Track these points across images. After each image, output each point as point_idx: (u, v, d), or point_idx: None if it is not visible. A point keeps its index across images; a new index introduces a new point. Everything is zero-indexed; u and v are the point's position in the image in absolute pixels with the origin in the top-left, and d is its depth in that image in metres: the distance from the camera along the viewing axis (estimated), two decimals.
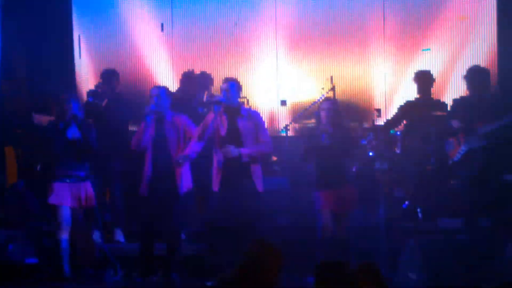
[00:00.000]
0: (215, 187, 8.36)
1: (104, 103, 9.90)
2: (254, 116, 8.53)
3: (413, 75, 10.22)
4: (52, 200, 8.50)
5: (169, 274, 8.52)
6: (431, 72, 10.12)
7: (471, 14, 11.26)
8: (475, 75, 8.65)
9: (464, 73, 8.84)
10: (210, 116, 8.36)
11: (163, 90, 8.80)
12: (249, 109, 8.93)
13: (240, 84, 8.63)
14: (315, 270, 5.05)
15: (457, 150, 8.46)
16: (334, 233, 8.41)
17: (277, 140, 10.74)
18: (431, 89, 10.01)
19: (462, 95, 9.27)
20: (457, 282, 7.58)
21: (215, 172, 8.38)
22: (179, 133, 8.62)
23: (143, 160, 8.70)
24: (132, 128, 10.22)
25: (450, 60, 11.27)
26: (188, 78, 10.51)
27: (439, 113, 9.48)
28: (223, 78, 8.80)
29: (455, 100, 9.11)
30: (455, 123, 8.47)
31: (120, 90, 10.52)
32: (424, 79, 10.10)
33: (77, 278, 8.58)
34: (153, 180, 8.57)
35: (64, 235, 8.49)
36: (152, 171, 8.57)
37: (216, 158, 8.38)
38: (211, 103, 8.54)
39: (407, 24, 11.42)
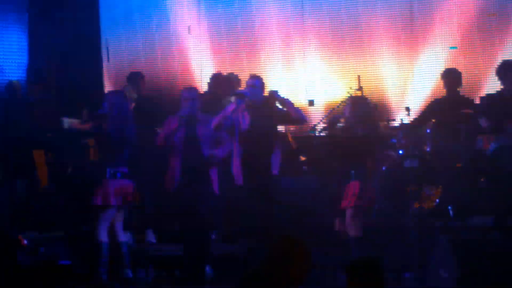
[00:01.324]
0: (239, 180, 8.37)
1: (132, 106, 9.94)
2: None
3: (441, 73, 10.21)
4: (98, 201, 8.48)
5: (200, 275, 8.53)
6: (458, 70, 10.10)
7: (499, 10, 11.15)
8: (506, 70, 8.57)
9: (496, 68, 8.74)
10: (231, 107, 8.41)
11: (195, 92, 8.88)
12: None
13: (265, 82, 8.73)
14: (347, 268, 5.04)
15: (488, 148, 8.40)
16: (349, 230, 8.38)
17: (306, 140, 10.75)
18: (459, 87, 9.98)
19: (490, 92, 9.23)
20: (486, 280, 7.53)
21: (237, 165, 8.40)
22: (211, 131, 8.64)
23: (170, 159, 8.73)
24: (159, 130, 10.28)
25: (479, 57, 11.18)
26: (216, 80, 10.53)
27: (467, 110, 9.44)
28: (249, 75, 8.87)
29: (484, 98, 9.06)
30: (484, 122, 8.41)
31: (147, 93, 10.57)
32: (451, 77, 10.07)
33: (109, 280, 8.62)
34: (184, 180, 8.58)
35: (106, 238, 8.46)
36: (182, 170, 8.58)
37: (237, 152, 8.41)
38: (235, 96, 8.59)
39: (435, 22, 11.35)
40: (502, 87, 8.67)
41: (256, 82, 8.60)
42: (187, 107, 8.62)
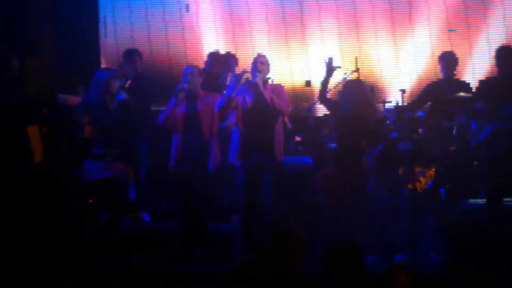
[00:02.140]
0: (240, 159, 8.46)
1: (127, 84, 9.92)
2: (277, 88, 8.68)
3: (438, 56, 10.21)
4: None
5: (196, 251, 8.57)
6: (455, 53, 10.10)
7: None
8: (504, 54, 8.54)
9: (494, 51, 8.71)
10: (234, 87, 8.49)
11: (196, 68, 8.95)
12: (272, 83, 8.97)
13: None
14: (324, 252, 5.02)
15: (481, 131, 8.40)
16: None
17: (301, 121, 10.75)
18: (455, 70, 9.99)
19: (487, 76, 9.22)
20: (477, 264, 7.56)
21: (236, 145, 8.44)
22: (211, 109, 8.66)
23: (172, 136, 8.75)
24: (155, 107, 10.27)
25: (476, 40, 11.15)
26: (213, 58, 10.52)
27: (463, 94, 9.44)
28: (257, 54, 8.93)
29: (481, 81, 9.06)
30: (479, 105, 8.41)
31: (144, 70, 10.56)
32: (448, 60, 10.07)
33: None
34: (185, 156, 8.64)
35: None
36: (184, 147, 8.62)
37: (238, 131, 8.44)
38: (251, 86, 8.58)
39: (432, 5, 11.32)
40: (498, 71, 8.64)
41: (266, 60, 8.74)
42: (185, 81, 8.68)
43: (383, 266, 7.65)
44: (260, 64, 8.60)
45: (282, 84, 9.01)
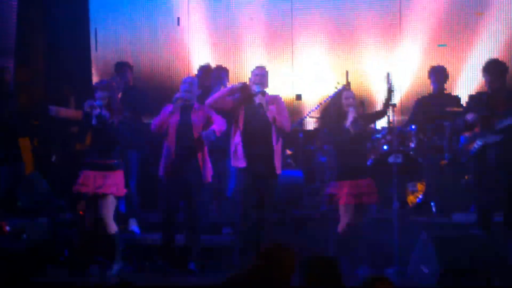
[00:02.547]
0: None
1: (118, 96, 9.92)
2: (276, 100, 8.63)
3: (428, 71, 10.27)
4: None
5: (187, 265, 8.55)
6: (445, 68, 10.16)
7: (486, 9, 11.18)
8: (492, 68, 8.56)
9: (483, 66, 8.73)
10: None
11: (196, 79, 9.01)
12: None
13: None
14: (303, 264, 5.03)
15: (473, 145, 8.42)
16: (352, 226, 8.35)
17: (292, 134, 10.76)
18: (445, 84, 10.06)
19: (478, 91, 9.24)
20: (468, 277, 7.57)
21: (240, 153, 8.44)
22: (203, 121, 8.67)
23: (163, 145, 8.74)
24: (146, 120, 10.28)
25: (466, 55, 11.20)
26: (204, 71, 10.52)
27: (453, 108, 9.49)
28: (257, 66, 8.85)
29: (470, 96, 9.09)
30: (470, 117, 8.43)
31: (135, 83, 10.57)
32: (438, 74, 10.13)
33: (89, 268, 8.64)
34: (176, 166, 8.61)
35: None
36: (175, 156, 8.60)
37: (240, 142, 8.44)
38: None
39: (423, 19, 11.37)
40: (486, 85, 8.64)
41: (265, 71, 8.68)
42: (183, 90, 8.69)
43: None
44: (260, 77, 8.54)
45: (279, 96, 8.86)
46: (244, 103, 8.45)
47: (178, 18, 12.14)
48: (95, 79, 12.13)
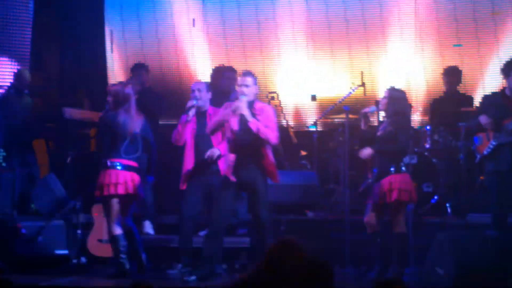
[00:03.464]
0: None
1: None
2: (265, 110, 8.24)
3: (442, 72, 10.25)
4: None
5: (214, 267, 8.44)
6: (458, 69, 10.13)
7: (504, 9, 11.11)
8: (509, 68, 8.49)
9: (502, 66, 8.66)
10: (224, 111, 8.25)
11: (204, 84, 8.85)
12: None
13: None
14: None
15: (487, 145, 8.39)
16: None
17: (306, 135, 10.76)
18: (458, 85, 10.04)
19: (494, 91, 9.19)
20: (483, 279, 7.53)
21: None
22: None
23: (182, 154, 8.63)
24: (163, 122, 10.29)
25: (482, 56, 11.14)
26: (219, 73, 10.49)
27: (467, 108, 9.46)
28: (243, 71, 8.45)
29: (486, 96, 9.05)
30: (484, 119, 8.38)
31: (151, 85, 10.59)
32: (450, 75, 10.12)
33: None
34: (196, 174, 8.52)
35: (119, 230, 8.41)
36: (194, 165, 8.51)
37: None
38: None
39: (439, 19, 11.32)
40: (504, 85, 8.59)
41: (253, 79, 8.23)
42: (193, 98, 8.58)
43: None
44: (245, 88, 8.07)
45: (271, 106, 8.67)
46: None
47: (194, 20, 12.14)
48: (110, 81, 12.18)
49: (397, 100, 8.30)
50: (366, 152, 8.24)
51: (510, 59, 8.66)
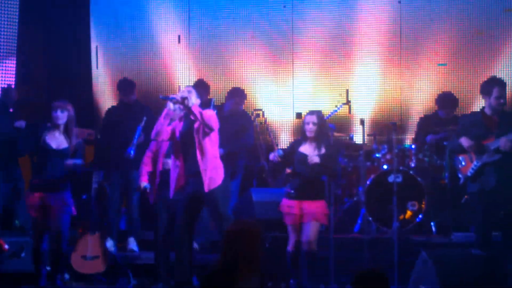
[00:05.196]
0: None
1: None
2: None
3: (435, 98, 10.26)
4: None
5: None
6: (453, 95, 10.20)
7: (487, 28, 11.18)
8: (490, 88, 8.50)
9: (481, 85, 8.67)
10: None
11: (194, 87, 8.40)
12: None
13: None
14: (354, 279, 5.09)
15: (470, 166, 8.39)
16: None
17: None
18: (454, 111, 10.07)
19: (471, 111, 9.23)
20: None
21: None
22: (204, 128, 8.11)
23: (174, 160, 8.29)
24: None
25: (467, 75, 11.20)
26: (203, 87, 10.41)
27: (453, 127, 9.48)
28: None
29: (464, 116, 9.08)
30: (465, 142, 8.38)
31: (137, 99, 10.57)
32: (445, 102, 10.13)
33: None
34: (186, 183, 8.21)
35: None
36: (184, 174, 8.17)
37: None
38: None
39: (423, 38, 11.39)
40: (484, 105, 8.59)
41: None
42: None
43: None
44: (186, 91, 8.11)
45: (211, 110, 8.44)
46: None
47: (179, 36, 12.16)
48: (96, 96, 12.19)
49: (325, 124, 8.47)
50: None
51: (489, 78, 8.67)
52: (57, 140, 8.43)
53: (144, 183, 8.67)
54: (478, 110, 8.64)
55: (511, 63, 11.04)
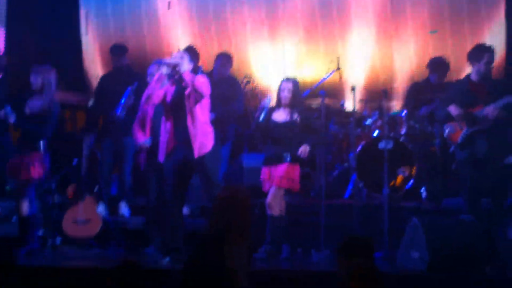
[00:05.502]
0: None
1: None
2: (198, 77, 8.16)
3: (427, 63, 10.25)
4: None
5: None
6: (445, 59, 10.17)
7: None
8: (477, 55, 8.52)
9: (468, 52, 8.62)
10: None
11: (186, 53, 8.28)
12: None
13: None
14: (339, 247, 5.17)
15: (460, 134, 8.41)
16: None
17: None
18: (445, 76, 10.06)
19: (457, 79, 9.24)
20: (457, 262, 7.59)
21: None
22: (196, 93, 8.00)
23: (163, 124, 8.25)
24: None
25: (457, 42, 11.20)
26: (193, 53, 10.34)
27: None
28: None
29: (451, 84, 9.09)
30: (454, 110, 8.39)
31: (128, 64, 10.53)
32: (436, 67, 10.12)
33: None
34: (175, 147, 8.16)
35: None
36: (173, 137, 8.14)
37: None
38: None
39: (414, 5, 11.36)
40: (471, 72, 8.59)
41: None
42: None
43: None
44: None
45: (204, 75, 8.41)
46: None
47: (169, 2, 12.08)
48: (85, 62, 12.13)
49: (299, 92, 8.76)
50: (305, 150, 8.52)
51: (476, 45, 8.67)
52: (31, 105, 8.47)
53: (141, 141, 8.61)
54: (464, 77, 8.64)
55: (501, 30, 11.03)
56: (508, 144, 8.45)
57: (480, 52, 8.42)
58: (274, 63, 11.82)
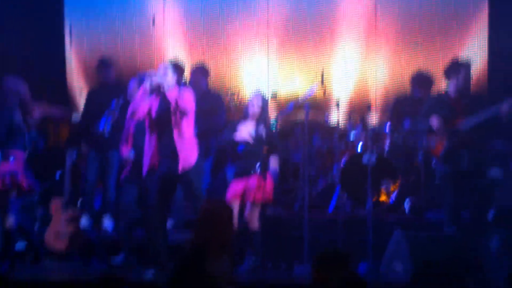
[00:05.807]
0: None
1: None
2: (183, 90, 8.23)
3: (411, 77, 10.28)
4: None
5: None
6: (428, 75, 10.20)
7: (462, 11, 11.21)
8: (453, 70, 8.58)
9: (445, 68, 8.72)
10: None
11: (170, 66, 8.24)
12: None
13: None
14: (314, 259, 5.13)
15: (441, 147, 8.45)
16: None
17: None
18: (430, 91, 10.08)
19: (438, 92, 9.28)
20: (440, 274, 7.61)
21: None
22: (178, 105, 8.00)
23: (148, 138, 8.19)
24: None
25: (441, 56, 11.22)
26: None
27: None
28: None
29: (430, 98, 9.14)
30: (435, 122, 8.44)
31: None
32: (420, 83, 10.15)
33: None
34: (159, 161, 8.11)
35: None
36: (157, 151, 8.08)
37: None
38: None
39: (399, 20, 11.40)
40: (452, 87, 8.63)
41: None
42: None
43: None
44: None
45: (189, 89, 8.49)
46: None
47: (153, 17, 12.08)
48: (68, 75, 12.10)
49: (266, 107, 8.77)
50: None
51: (451, 61, 8.74)
52: None
53: (127, 154, 8.61)
54: (444, 91, 8.70)
55: (479, 44, 11.07)
56: (490, 157, 8.50)
57: (458, 67, 8.51)
58: (260, 77, 11.82)
